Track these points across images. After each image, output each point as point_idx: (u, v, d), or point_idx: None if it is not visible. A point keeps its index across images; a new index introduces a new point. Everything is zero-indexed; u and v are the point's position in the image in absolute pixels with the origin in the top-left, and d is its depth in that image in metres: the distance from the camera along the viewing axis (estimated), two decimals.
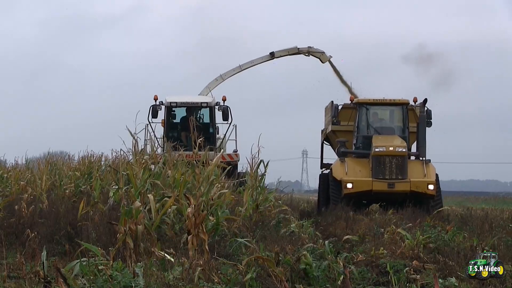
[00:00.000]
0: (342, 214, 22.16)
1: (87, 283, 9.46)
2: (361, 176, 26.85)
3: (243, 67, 36.98)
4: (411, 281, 10.69)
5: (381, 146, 26.75)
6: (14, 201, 18.71)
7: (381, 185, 26.49)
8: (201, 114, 30.34)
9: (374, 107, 28.50)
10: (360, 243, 15.42)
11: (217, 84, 36.43)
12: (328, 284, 10.22)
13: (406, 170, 26.69)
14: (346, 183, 26.48)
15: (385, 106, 28.69)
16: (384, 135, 27.80)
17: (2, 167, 27.82)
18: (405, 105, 28.24)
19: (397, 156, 26.64)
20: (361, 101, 28.59)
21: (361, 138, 28.23)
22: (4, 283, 10.03)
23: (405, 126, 28.24)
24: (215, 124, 30.01)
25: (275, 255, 10.49)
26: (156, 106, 29.42)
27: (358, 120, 28.36)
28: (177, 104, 29.82)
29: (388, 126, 28.67)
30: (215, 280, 9.88)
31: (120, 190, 14.26)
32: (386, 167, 26.63)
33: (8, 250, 12.82)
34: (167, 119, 29.76)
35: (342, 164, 27.24)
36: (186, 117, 29.31)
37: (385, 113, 28.99)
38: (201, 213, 11.88)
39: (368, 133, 28.16)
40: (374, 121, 28.53)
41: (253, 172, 18.22)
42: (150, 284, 9.59)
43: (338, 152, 28.30)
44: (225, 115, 29.22)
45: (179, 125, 30.03)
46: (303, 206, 31.33)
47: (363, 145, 27.95)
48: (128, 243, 11.55)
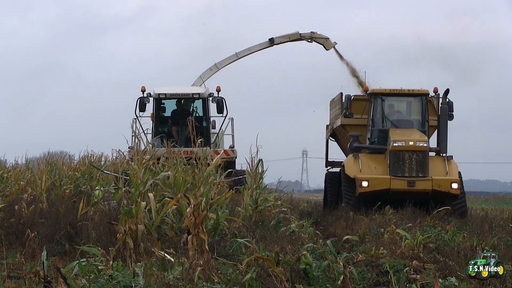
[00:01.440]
0: (342, 214, 22.13)
1: (87, 283, 9.46)
2: (377, 173, 24.51)
3: (239, 55, 34.07)
4: (411, 281, 10.69)
5: (400, 141, 24.45)
6: (14, 201, 18.72)
7: (400, 183, 24.14)
8: (194, 106, 27.99)
9: (390, 98, 26.07)
10: (360, 243, 15.42)
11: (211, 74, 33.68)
12: (328, 284, 10.22)
13: (427, 167, 24.42)
14: (361, 181, 24.12)
15: (402, 97, 26.26)
16: (402, 129, 25.43)
17: (2, 167, 27.81)
18: (424, 96, 25.86)
19: (417, 152, 24.35)
20: (376, 92, 26.08)
21: (376, 132, 25.87)
22: (4, 283, 10.03)
23: (425, 119, 25.89)
24: (209, 117, 27.47)
25: (275, 255, 10.49)
26: (144, 98, 26.97)
27: (372, 112, 25.94)
28: (166, 96, 27.34)
29: (406, 119, 26.28)
30: (215, 280, 9.88)
31: (120, 190, 14.26)
32: (406, 164, 24.33)
33: (8, 250, 12.82)
34: (156, 113, 27.41)
35: (355, 160, 24.91)
36: (177, 110, 27.69)
37: (403, 105, 26.61)
38: (201, 213, 11.88)
39: (384, 126, 25.74)
40: (390, 114, 26.11)
41: (252, 172, 18.20)
42: (150, 284, 9.59)
43: (351, 147, 25.79)
44: (219, 107, 26.68)
45: (169, 119, 27.71)
46: (303, 206, 31.28)
47: (378, 139, 25.61)
48: (128, 243, 11.56)
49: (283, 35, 34.54)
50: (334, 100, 29.63)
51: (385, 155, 24.82)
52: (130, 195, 13.83)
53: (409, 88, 26.04)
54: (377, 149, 25.40)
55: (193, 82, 33.01)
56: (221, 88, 27.12)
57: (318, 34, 34.51)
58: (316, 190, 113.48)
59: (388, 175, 24.33)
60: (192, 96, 27.34)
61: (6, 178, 25.99)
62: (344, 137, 27.80)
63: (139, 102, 26.73)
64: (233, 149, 26.83)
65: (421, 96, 25.80)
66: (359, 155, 25.02)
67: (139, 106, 26.74)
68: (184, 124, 26.24)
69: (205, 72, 33.71)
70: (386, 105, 26.04)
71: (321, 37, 34.40)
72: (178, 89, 27.76)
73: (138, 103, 26.72)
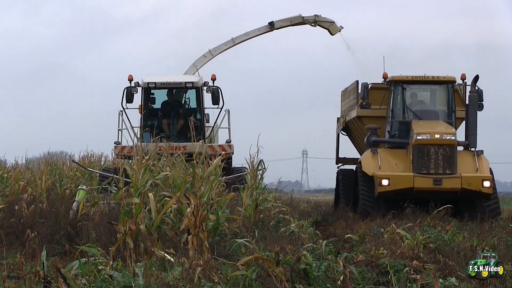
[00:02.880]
0: (342, 214, 22.12)
1: (87, 283, 9.46)
2: (398, 170, 22.03)
3: (236, 41, 30.99)
4: (411, 281, 10.69)
5: (425, 133, 21.93)
6: (14, 201, 18.72)
7: (425, 181, 21.62)
8: (186, 97, 25.54)
9: (412, 86, 23.57)
10: (360, 243, 15.42)
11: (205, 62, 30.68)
12: (328, 284, 10.22)
13: (455, 163, 21.92)
14: (380, 179, 21.64)
15: (426, 85, 23.75)
16: (426, 120, 22.89)
17: (2, 167, 27.84)
18: (451, 83, 23.31)
19: (444, 146, 21.85)
20: (396, 79, 23.42)
21: (396, 124, 23.31)
22: (4, 283, 10.04)
23: (451, 109, 23.34)
24: (204, 109, 25.04)
25: (275, 255, 10.49)
26: (131, 88, 24.32)
27: (392, 102, 23.45)
28: (156, 85, 24.65)
29: (430, 109, 23.71)
30: (215, 280, 9.88)
31: (120, 190, 14.25)
32: (431, 159, 21.78)
33: (8, 250, 12.82)
34: (145, 104, 24.84)
35: (374, 156, 22.34)
36: (168, 101, 25.25)
37: (426, 94, 24.10)
38: (201, 213, 11.88)
39: (406, 118, 23.08)
40: (412, 104, 23.53)
41: (252, 172, 18.17)
42: (150, 284, 9.59)
43: (368, 141, 23.21)
44: (215, 97, 24.13)
45: (159, 111, 25.21)
46: (303, 206, 31.26)
47: (399, 132, 23.07)
48: (128, 243, 11.56)
49: (284, 19, 31.63)
50: (348, 90, 26.83)
51: (407, 150, 22.39)
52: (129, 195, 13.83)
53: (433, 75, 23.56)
54: (398, 143, 22.98)
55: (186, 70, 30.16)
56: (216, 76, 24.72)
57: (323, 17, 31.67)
58: (316, 190, 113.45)
59: (411, 172, 21.89)
60: (184, 86, 24.76)
61: (6, 178, 26.01)
62: (358, 131, 25.33)
63: (125, 93, 24.25)
64: (229, 144, 24.48)
65: (447, 83, 23.32)
66: (377, 150, 22.53)
67: (126, 97, 24.30)
68: (176, 117, 24.89)
69: (198, 59, 30.75)
70: (408, 94, 23.58)
71: (326, 20, 31.56)
72: (169, 78, 25.14)
73: (125, 93, 24.25)
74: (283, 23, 31.47)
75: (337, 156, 27.68)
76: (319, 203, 33.44)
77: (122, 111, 24.23)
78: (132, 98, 24.27)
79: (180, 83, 24.70)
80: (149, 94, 24.95)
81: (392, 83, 23.50)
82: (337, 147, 27.72)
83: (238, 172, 22.08)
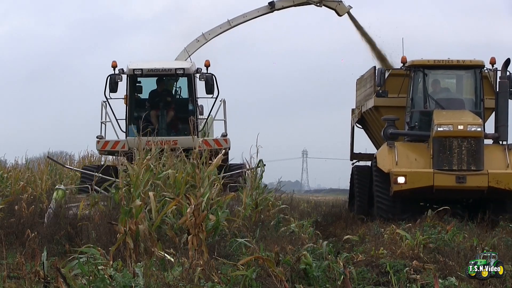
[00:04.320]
0: (342, 214, 22.09)
1: (87, 283, 9.46)
2: (417, 166, 19.55)
3: (233, 23, 27.85)
4: (411, 281, 10.69)
5: (446, 124, 19.42)
6: (14, 201, 18.72)
7: (447, 179, 19.16)
8: (178, 86, 23.29)
9: (435, 71, 21.05)
10: (360, 243, 15.42)
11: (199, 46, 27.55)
12: (328, 284, 10.23)
13: (482, 158, 19.35)
14: (396, 176, 19.15)
15: (450, 70, 21.28)
16: (450, 110, 20.38)
17: (2, 167, 27.84)
18: (478, 68, 20.69)
19: (469, 138, 19.32)
20: (416, 63, 20.88)
21: (417, 115, 20.81)
22: (4, 283, 10.04)
23: (479, 97, 20.75)
24: (196, 98, 22.51)
25: (275, 255, 10.50)
26: (115, 76, 21.85)
27: (412, 90, 20.96)
28: (142, 72, 22.05)
29: (455, 98, 21.26)
30: (215, 280, 9.89)
31: (120, 190, 14.25)
32: (454, 154, 19.31)
33: (8, 250, 12.82)
34: (131, 94, 22.38)
35: (391, 151, 19.80)
36: (157, 90, 22.79)
37: (451, 80, 21.74)
38: (201, 213, 11.89)
39: (427, 107, 20.59)
40: (435, 91, 21.03)
41: (253, 173, 18.16)
42: (150, 284, 9.60)
43: (385, 134, 20.82)
44: (209, 86, 21.68)
45: (147, 101, 22.77)
46: (303, 206, 31.26)
47: (420, 124, 20.59)
48: (128, 243, 11.56)
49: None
50: (364, 78, 24.11)
51: (428, 144, 19.83)
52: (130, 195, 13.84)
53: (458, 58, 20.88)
54: (418, 135, 20.46)
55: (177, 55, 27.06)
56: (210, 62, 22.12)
57: None
58: (316, 190, 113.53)
59: (431, 168, 19.41)
60: (175, 72, 22.14)
61: (6, 178, 26.01)
62: (375, 123, 22.73)
63: (109, 81, 21.77)
64: (225, 138, 22.17)
65: (475, 68, 20.71)
66: (395, 144, 19.96)
67: (109, 85, 21.81)
68: (165, 108, 22.52)
69: (191, 43, 27.48)
70: (430, 81, 21.01)
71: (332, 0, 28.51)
72: (158, 64, 22.48)
73: (109, 82, 21.78)
74: (285, 3, 28.52)
75: (352, 152, 24.95)
76: (319, 203, 33.48)
77: (106, 102, 22.07)
78: (116, 87, 21.90)
79: (169, 69, 22.16)
80: (135, 83, 22.62)
81: (412, 69, 20.99)
82: (352, 142, 24.92)
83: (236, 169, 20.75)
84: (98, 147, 22.15)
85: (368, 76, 23.27)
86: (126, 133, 22.07)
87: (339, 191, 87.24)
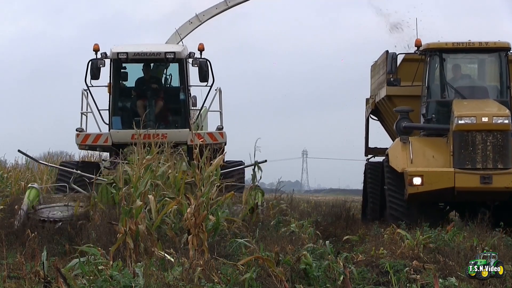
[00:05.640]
0: (342, 214, 22.04)
1: (87, 283, 9.47)
2: (436, 165, 17.21)
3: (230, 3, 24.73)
4: (411, 281, 10.69)
5: (469, 116, 17.00)
6: (14, 201, 18.71)
7: (470, 179, 16.80)
8: (168, 73, 20.86)
9: (454, 55, 18.60)
10: (360, 243, 15.42)
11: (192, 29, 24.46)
12: (328, 284, 10.23)
13: (510, 154, 16.99)
14: (411, 177, 16.87)
15: (472, 54, 18.76)
16: (472, 100, 17.92)
17: (2, 167, 27.86)
18: (504, 51, 18.25)
19: (495, 132, 16.88)
20: (433, 47, 18.43)
21: (433, 105, 18.37)
22: (4, 283, 10.04)
23: (505, 84, 18.27)
24: (189, 87, 20.11)
25: (275, 255, 10.51)
26: (97, 61, 19.35)
27: (428, 77, 18.49)
28: (128, 57, 19.47)
29: (477, 85, 18.82)
30: (215, 280, 9.89)
31: (120, 190, 14.26)
32: (478, 150, 16.95)
33: (8, 250, 12.81)
34: (115, 81, 19.86)
35: (404, 147, 17.48)
36: (144, 77, 20.37)
37: (473, 65, 19.32)
38: (201, 213, 11.90)
39: (445, 96, 18.19)
40: (454, 78, 18.62)
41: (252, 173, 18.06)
42: (150, 284, 9.60)
43: (398, 127, 18.44)
44: (203, 72, 19.25)
45: (133, 89, 20.34)
46: (303, 206, 31.24)
47: (437, 116, 18.16)
48: (128, 243, 11.56)
49: None
50: (377, 64, 21.50)
51: (448, 138, 17.47)
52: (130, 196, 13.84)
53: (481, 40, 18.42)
54: (436, 129, 18.10)
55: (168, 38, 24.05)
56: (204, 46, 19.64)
57: None
58: (316, 190, 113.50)
59: (452, 167, 17.06)
60: (164, 57, 19.61)
61: (6, 178, 26.02)
62: (389, 114, 20.36)
63: (90, 67, 19.36)
64: (221, 132, 19.90)
65: (500, 51, 18.28)
66: (409, 139, 17.64)
67: (91, 71, 19.40)
68: (154, 97, 20.17)
69: (183, 25, 24.46)
70: (449, 66, 18.62)
71: None
72: (145, 48, 19.84)
73: (90, 67, 19.37)
74: None
75: (367, 146, 22.24)
76: (319, 203, 33.43)
77: (87, 91, 19.79)
78: (98, 73, 19.46)
79: (158, 53, 19.61)
80: (119, 68, 20.13)
81: (428, 53, 18.52)
82: (367, 135, 22.24)
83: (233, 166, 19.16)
84: (78, 141, 19.79)
85: (381, 62, 20.73)
86: (110, 125, 19.81)
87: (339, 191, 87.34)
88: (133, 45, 20.20)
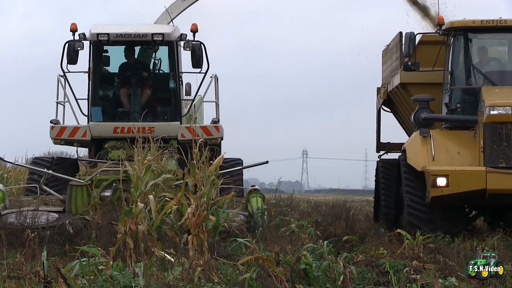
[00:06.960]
0: (342, 214, 22.05)
1: (87, 283, 9.47)
2: (462, 163, 14.60)
3: None
4: (411, 281, 10.70)
5: (503, 106, 14.37)
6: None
7: (505, 179, 14.15)
8: (156, 58, 18.39)
9: (482, 35, 15.92)
10: (360, 243, 15.42)
11: (185, 7, 21.65)
12: (328, 284, 10.23)
13: None
14: (435, 177, 14.24)
15: (503, 34, 15.86)
16: (504, 86, 15.36)
17: (2, 167, 27.82)
18: None
19: None
20: (457, 25, 15.74)
21: (458, 93, 15.76)
22: (4, 283, 10.04)
23: None
24: (180, 73, 17.80)
25: (275, 255, 10.51)
26: (75, 43, 16.85)
27: (452, 61, 15.88)
28: (109, 39, 16.95)
29: (509, 70, 16.21)
30: (215, 280, 9.90)
31: (120, 191, 14.26)
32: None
33: (8, 250, 12.81)
34: (95, 67, 17.48)
35: (425, 142, 14.90)
36: (128, 63, 17.91)
37: (503, 47, 16.51)
38: (201, 213, 11.91)
39: (472, 83, 15.58)
40: (482, 62, 15.97)
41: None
42: (150, 284, 9.60)
43: (417, 119, 15.85)
44: (196, 57, 16.90)
45: (116, 76, 17.90)
46: (303, 206, 31.24)
47: (463, 105, 15.51)
48: (128, 243, 11.57)
49: None
50: (389, 48, 18.92)
51: (476, 132, 14.85)
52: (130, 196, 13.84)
53: None
54: (462, 121, 15.47)
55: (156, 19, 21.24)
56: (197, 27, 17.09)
57: None
58: (316, 190, 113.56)
59: (483, 165, 14.44)
60: (151, 39, 17.03)
61: (6, 178, 25.99)
62: (404, 105, 17.77)
63: (67, 49, 16.82)
64: (217, 125, 17.68)
65: None
66: (430, 133, 15.03)
67: (68, 55, 16.90)
68: (140, 85, 17.79)
69: (174, 3, 21.58)
70: (476, 48, 16.01)
71: None
72: (129, 28, 17.22)
73: (66, 50, 16.83)
74: None
75: (378, 141, 19.74)
76: (319, 203, 33.42)
77: (63, 77, 17.36)
78: (76, 57, 17.04)
79: (144, 35, 17.02)
80: (100, 52, 17.70)
81: (452, 33, 15.90)
82: (378, 128, 19.72)
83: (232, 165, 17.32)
84: (52, 134, 17.56)
85: (394, 46, 18.19)
86: (89, 117, 17.55)
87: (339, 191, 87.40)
88: (116, 25, 17.69)
